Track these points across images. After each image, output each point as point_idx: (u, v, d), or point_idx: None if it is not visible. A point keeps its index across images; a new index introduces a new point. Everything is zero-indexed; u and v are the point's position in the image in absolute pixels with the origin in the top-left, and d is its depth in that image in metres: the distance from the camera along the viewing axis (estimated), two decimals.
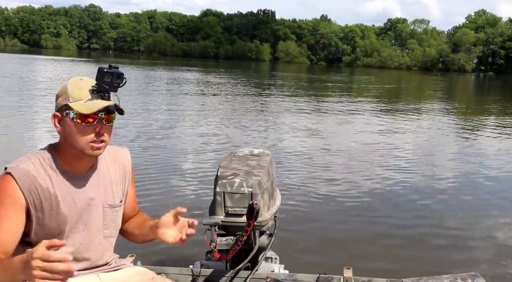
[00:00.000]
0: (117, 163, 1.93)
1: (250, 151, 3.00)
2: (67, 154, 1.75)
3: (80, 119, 1.66)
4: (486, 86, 50.44)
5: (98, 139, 1.70)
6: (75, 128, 1.68)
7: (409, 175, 7.84)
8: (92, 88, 1.67)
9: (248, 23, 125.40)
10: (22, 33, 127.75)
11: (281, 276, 2.52)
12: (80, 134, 1.68)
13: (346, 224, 5.43)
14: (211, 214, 2.51)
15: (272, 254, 2.83)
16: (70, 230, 1.76)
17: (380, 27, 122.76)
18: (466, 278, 2.39)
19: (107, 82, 1.67)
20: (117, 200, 1.89)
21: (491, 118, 17.64)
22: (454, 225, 5.59)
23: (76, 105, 1.66)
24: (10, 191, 1.66)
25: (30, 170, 1.69)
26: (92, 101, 1.66)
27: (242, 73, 42.94)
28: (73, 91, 1.69)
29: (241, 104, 17.58)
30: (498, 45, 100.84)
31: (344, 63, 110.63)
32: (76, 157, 1.74)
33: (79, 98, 1.67)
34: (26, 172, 1.68)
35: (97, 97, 1.67)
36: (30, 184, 1.67)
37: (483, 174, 8.25)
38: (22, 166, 1.70)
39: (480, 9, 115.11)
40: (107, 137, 1.73)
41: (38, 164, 1.72)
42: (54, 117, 1.74)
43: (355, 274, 2.52)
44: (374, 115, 16.36)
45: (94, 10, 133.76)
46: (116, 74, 1.68)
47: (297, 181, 7.09)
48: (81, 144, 1.69)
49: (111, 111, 1.69)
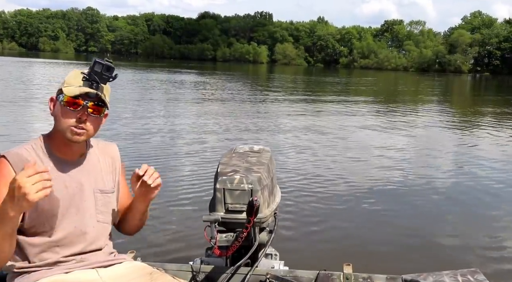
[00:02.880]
0: (106, 154, 2.00)
1: (250, 147, 3.00)
2: (57, 138, 1.82)
3: (66, 103, 1.74)
4: (482, 87, 50.53)
5: (79, 126, 1.75)
6: (61, 111, 1.76)
7: (409, 172, 7.86)
8: (83, 76, 1.76)
9: (246, 26, 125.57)
10: (20, 36, 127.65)
11: (281, 272, 2.51)
12: (64, 117, 1.76)
13: (346, 221, 5.44)
14: (211, 210, 2.51)
15: (272, 250, 2.83)
16: (62, 214, 1.79)
17: (376, 29, 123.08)
18: (466, 274, 2.38)
19: (97, 73, 1.76)
20: (108, 186, 1.93)
21: (488, 118, 17.68)
22: (453, 221, 5.60)
23: (65, 90, 1.75)
24: (4, 171, 1.73)
25: (23, 153, 1.78)
26: (78, 87, 1.75)
27: (239, 76, 42.95)
28: (69, 78, 1.80)
29: (240, 105, 17.60)
30: (494, 46, 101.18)
31: (341, 65, 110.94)
32: (65, 143, 1.81)
33: (71, 84, 1.77)
34: (19, 155, 1.77)
35: (85, 85, 1.75)
36: (22, 166, 1.66)
37: (483, 172, 8.27)
38: (15, 150, 1.80)
39: (476, 10, 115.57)
40: (89, 126, 1.79)
41: (31, 148, 1.81)
42: (50, 101, 1.84)
43: (355, 270, 2.52)
44: (372, 116, 16.40)
45: (92, 13, 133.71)
46: (106, 66, 1.76)
47: (297, 177, 7.10)
48: (63, 126, 1.76)
49: (91, 97, 1.75)
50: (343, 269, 2.52)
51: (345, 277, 2.45)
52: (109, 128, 10.84)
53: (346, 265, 2.56)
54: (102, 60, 1.78)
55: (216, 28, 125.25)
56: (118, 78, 1.84)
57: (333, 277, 2.45)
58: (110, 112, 1.91)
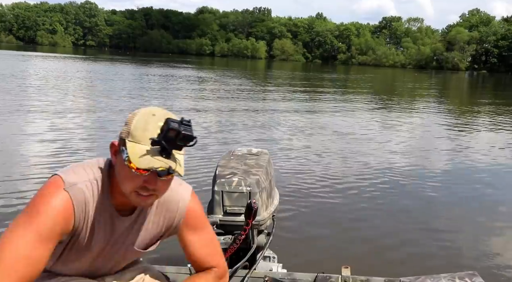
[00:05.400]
0: (165, 213, 1.68)
1: (248, 150, 3.01)
2: (117, 187, 1.51)
3: (131, 165, 1.40)
4: (479, 84, 50.59)
5: (146, 191, 1.44)
6: (124, 170, 1.43)
7: (406, 174, 7.85)
8: (152, 139, 1.38)
9: (244, 21, 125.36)
10: (17, 29, 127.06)
11: (279, 275, 2.52)
12: (127, 179, 1.44)
13: (344, 223, 5.43)
14: (209, 213, 2.51)
15: (270, 253, 2.84)
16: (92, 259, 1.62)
17: (375, 26, 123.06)
18: (464, 277, 2.39)
19: (170, 140, 1.37)
20: (143, 246, 1.71)
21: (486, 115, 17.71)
22: (452, 224, 5.60)
23: (130, 149, 1.40)
24: (64, 212, 1.44)
25: (86, 194, 1.49)
26: (146, 157, 1.38)
27: (237, 71, 42.88)
28: (137, 128, 1.42)
29: (239, 103, 17.53)
30: (491, 44, 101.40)
31: (339, 61, 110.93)
32: (124, 195, 1.50)
33: (139, 140, 1.40)
34: (82, 196, 1.48)
35: (154, 151, 1.38)
36: (82, 209, 1.49)
37: (482, 172, 8.29)
38: (81, 186, 1.48)
39: (474, 8, 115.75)
40: (160, 190, 1.47)
41: (95, 187, 1.51)
42: (112, 147, 1.50)
43: (353, 273, 2.53)
44: (370, 113, 16.39)
45: (90, 6, 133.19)
46: (183, 136, 1.37)
47: (295, 180, 7.08)
48: (126, 188, 1.45)
49: (160, 175, 1.41)
50: (341, 271, 2.53)
51: (343, 280, 2.46)
52: (101, 126, 10.83)
53: (344, 267, 2.56)
54: (179, 125, 1.37)
55: (214, 23, 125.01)
56: (115, 71, 1.56)
57: (331, 279, 2.46)
58: (108, 110, 1.83)
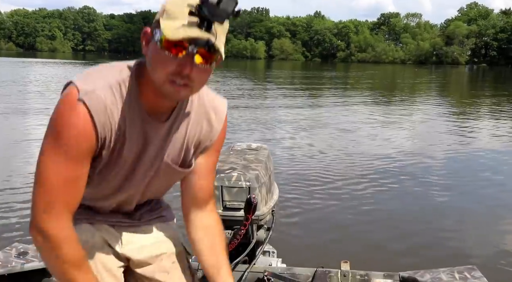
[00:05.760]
0: (205, 122, 1.52)
1: (247, 145, 3.01)
2: (150, 85, 1.33)
3: (165, 45, 1.22)
4: (480, 78, 50.54)
5: (181, 78, 1.25)
6: (157, 55, 1.25)
7: (406, 168, 7.85)
8: (191, 9, 1.20)
9: (242, 22, 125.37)
10: (16, 36, 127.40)
11: (279, 270, 2.53)
12: (160, 64, 1.25)
13: (343, 218, 5.43)
14: None
15: (270, 248, 2.84)
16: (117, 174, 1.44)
17: (373, 22, 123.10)
18: (463, 271, 2.40)
19: (211, 6, 1.18)
20: (179, 161, 1.53)
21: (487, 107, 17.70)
22: (451, 219, 5.59)
23: (164, 24, 1.21)
24: (83, 129, 1.26)
25: (107, 101, 1.29)
26: (183, 28, 1.20)
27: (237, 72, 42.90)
28: (172, 4, 1.24)
29: (238, 101, 17.55)
30: (490, 37, 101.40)
31: (338, 59, 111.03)
32: (157, 94, 1.33)
33: (174, 16, 1.21)
34: (103, 104, 1.28)
35: (192, 23, 1.20)
36: (105, 119, 1.30)
37: (482, 167, 8.27)
38: (99, 92, 1.28)
39: (472, 2, 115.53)
40: (196, 80, 1.27)
41: (118, 94, 1.31)
42: (144, 35, 1.31)
43: (353, 267, 2.54)
44: (371, 109, 16.37)
45: (88, 11, 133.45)
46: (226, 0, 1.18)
47: (295, 175, 7.09)
48: (158, 75, 1.26)
49: (199, 45, 1.21)
50: (341, 266, 2.54)
51: (342, 274, 2.47)
52: None
53: (344, 262, 2.57)
54: None
55: None
56: None
57: (331, 274, 2.47)
58: None
